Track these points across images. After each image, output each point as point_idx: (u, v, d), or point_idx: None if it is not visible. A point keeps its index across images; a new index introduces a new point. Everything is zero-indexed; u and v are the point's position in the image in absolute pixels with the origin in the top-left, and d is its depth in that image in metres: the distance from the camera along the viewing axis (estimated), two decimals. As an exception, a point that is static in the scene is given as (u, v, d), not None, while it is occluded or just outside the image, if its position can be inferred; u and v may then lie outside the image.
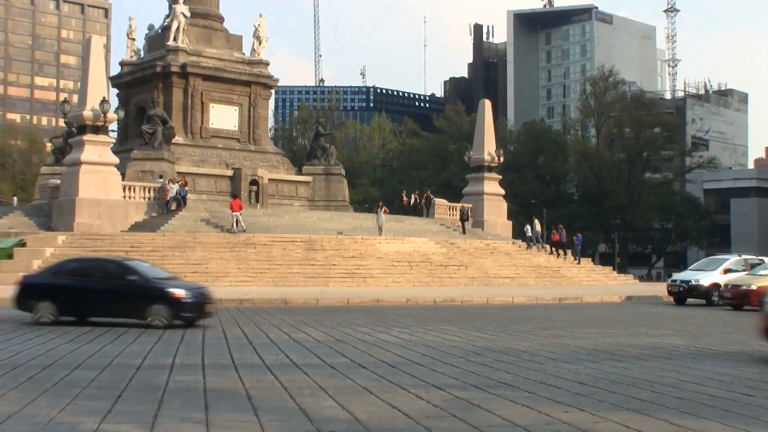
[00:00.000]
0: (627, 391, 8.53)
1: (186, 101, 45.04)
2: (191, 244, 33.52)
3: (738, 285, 22.88)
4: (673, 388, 8.76)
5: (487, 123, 51.43)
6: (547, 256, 42.52)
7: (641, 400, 8.01)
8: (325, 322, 17.48)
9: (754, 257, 28.52)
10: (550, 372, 9.83)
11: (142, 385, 8.63)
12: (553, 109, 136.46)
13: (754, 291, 22.26)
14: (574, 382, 9.03)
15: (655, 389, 8.65)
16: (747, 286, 22.43)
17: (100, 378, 9.12)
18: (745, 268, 25.63)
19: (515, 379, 9.24)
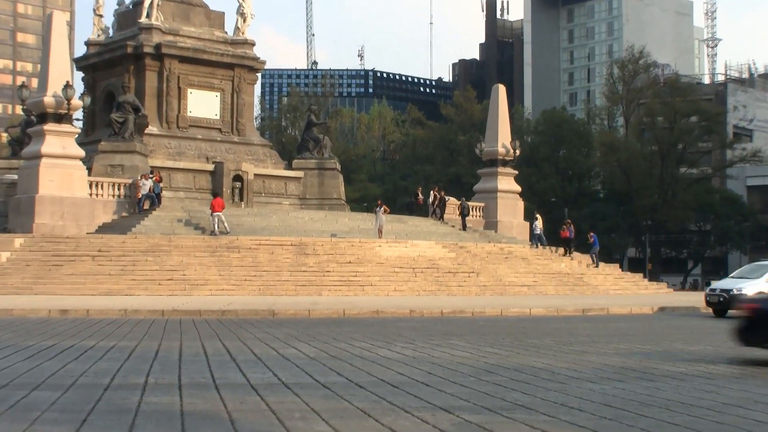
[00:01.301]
0: (660, 414, 8.52)
1: (161, 86, 45.07)
2: (166, 248, 33.51)
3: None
4: (713, 411, 8.75)
5: (501, 111, 51.47)
6: (569, 261, 42.55)
7: (676, 425, 7.99)
8: (318, 336, 17.46)
9: None
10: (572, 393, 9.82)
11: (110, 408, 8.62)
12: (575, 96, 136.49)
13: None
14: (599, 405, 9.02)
15: (691, 413, 8.64)
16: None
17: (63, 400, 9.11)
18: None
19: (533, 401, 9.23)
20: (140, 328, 18.95)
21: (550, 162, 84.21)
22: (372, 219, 41.27)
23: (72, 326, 19.10)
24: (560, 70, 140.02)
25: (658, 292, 43.25)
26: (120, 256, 32.81)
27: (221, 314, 23.39)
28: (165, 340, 16.05)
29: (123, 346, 14.94)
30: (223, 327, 19.55)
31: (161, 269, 31.99)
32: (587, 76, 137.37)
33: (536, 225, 44.71)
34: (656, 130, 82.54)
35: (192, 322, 21.02)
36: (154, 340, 15.98)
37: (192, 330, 18.58)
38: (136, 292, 30.02)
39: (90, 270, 31.72)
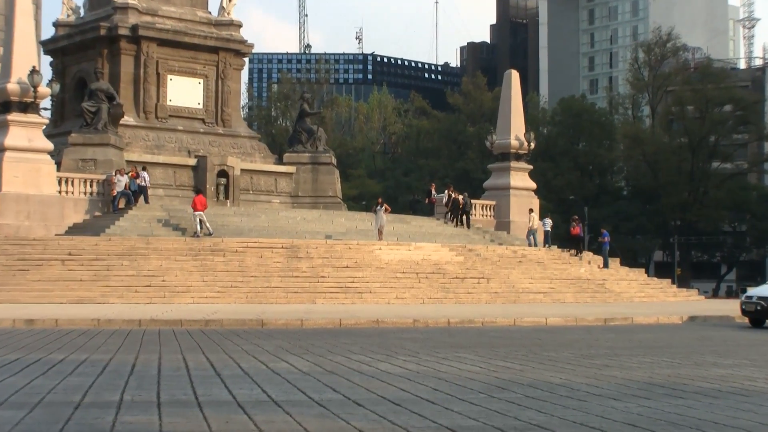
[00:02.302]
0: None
1: (138, 72, 45.10)
2: (144, 251, 33.52)
3: None
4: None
5: (514, 99, 51.48)
6: (588, 266, 42.54)
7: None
8: (312, 348, 17.46)
9: None
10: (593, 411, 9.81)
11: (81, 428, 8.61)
12: (596, 83, 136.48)
13: None
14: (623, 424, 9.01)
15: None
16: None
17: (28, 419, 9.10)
18: None
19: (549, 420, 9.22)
20: (115, 339, 18.94)
21: (569, 156, 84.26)
22: (371, 219, 41.27)
23: (39, 338, 19.10)
24: (579, 54, 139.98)
25: (687, 299, 43.24)
26: (92, 260, 32.80)
27: (205, 324, 23.37)
28: (142, 353, 16.04)
29: (96, 359, 14.94)
30: (206, 338, 19.55)
31: (138, 275, 31.99)
32: (609, 61, 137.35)
33: (546, 222, 44.61)
34: (686, 120, 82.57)
35: (172, 333, 20.99)
36: (130, 353, 15.96)
37: (172, 342, 18.57)
38: (110, 300, 30.01)
39: (59, 275, 31.71)
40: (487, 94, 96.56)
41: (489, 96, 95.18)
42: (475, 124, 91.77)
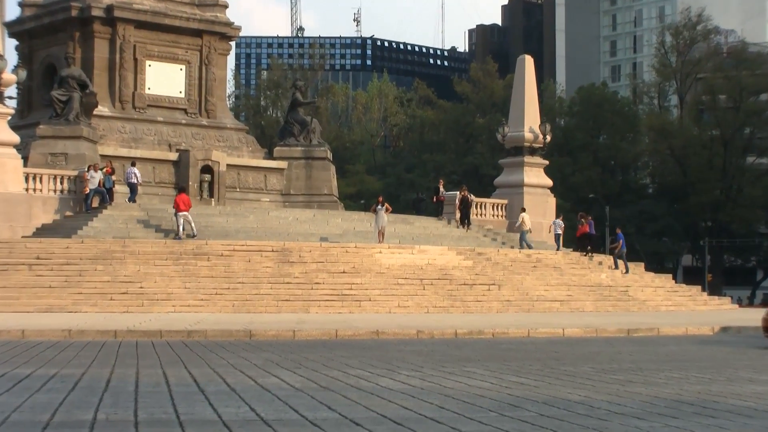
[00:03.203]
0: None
1: (113, 57, 45.12)
2: (120, 255, 33.53)
3: None
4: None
5: (528, 88, 51.49)
6: (610, 271, 42.54)
7: (742, 470, 7.98)
8: (305, 362, 17.47)
9: None
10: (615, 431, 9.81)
11: (50, 450, 8.60)
12: (618, 69, 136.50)
13: None
14: (649, 446, 9.01)
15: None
16: None
17: (-7, 440, 9.10)
18: None
19: (567, 442, 9.22)
20: (88, 352, 18.93)
21: (588, 150, 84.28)
22: (370, 219, 41.28)
23: (3, 350, 19.09)
24: (600, 37, 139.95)
25: (720, 308, 43.23)
26: (63, 265, 32.80)
27: (187, 336, 23.35)
28: (118, 367, 16.03)
29: (67, 374, 14.94)
30: (189, 351, 19.55)
31: (114, 281, 31.98)
32: (633, 45, 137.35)
33: (557, 223, 44.49)
34: (718, 110, 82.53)
35: (151, 345, 20.98)
36: (104, 367, 15.96)
37: (151, 355, 18.56)
38: (82, 309, 30.01)
39: (26, 282, 31.71)
40: (498, 82, 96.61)
41: (500, 84, 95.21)
42: (485, 115, 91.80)
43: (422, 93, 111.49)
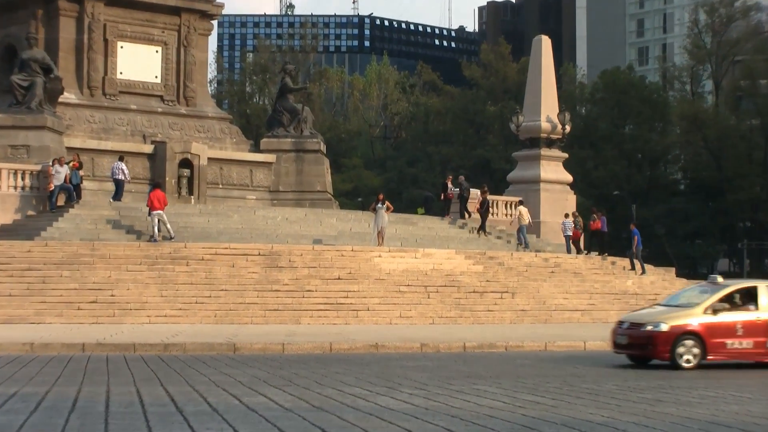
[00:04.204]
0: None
1: (81, 38, 45.08)
2: (88, 259, 33.51)
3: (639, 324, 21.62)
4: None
5: (545, 72, 51.44)
6: (637, 277, 42.52)
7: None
8: (296, 379, 17.46)
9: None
10: (643, 457, 9.80)
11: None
12: (646, 52, 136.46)
13: (661, 334, 20.88)
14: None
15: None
16: (654, 325, 21.09)
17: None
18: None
19: (589, 469, 9.21)
20: (52, 368, 18.92)
21: (612, 142, 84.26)
22: (369, 219, 41.24)
23: (-41, 366, 19.08)
24: (626, 16, 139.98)
25: (759, 318, 43.19)
26: (24, 271, 32.74)
27: (163, 349, 23.36)
28: (87, 385, 16.02)
29: (28, 392, 14.92)
30: (165, 367, 19.54)
31: (81, 288, 31.93)
32: (663, 25, 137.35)
33: (567, 224, 44.30)
34: (758, 97, 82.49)
35: (123, 360, 20.98)
36: (71, 385, 15.94)
37: (123, 371, 18.55)
38: (46, 320, 29.97)
39: (-16, 289, 31.67)
40: (512, 66, 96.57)
41: (514, 68, 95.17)
42: (496, 103, 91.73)
43: (427, 78, 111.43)
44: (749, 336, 21.23)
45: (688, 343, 20.75)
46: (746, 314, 21.44)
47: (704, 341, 20.86)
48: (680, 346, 20.85)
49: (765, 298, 21.55)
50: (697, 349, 20.75)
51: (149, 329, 28.18)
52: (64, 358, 21.02)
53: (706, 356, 20.82)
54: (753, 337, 21.24)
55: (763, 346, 21.29)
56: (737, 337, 21.14)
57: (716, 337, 20.97)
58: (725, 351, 21.07)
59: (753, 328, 21.29)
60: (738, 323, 21.22)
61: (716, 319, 21.15)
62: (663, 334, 20.87)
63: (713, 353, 20.96)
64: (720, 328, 21.12)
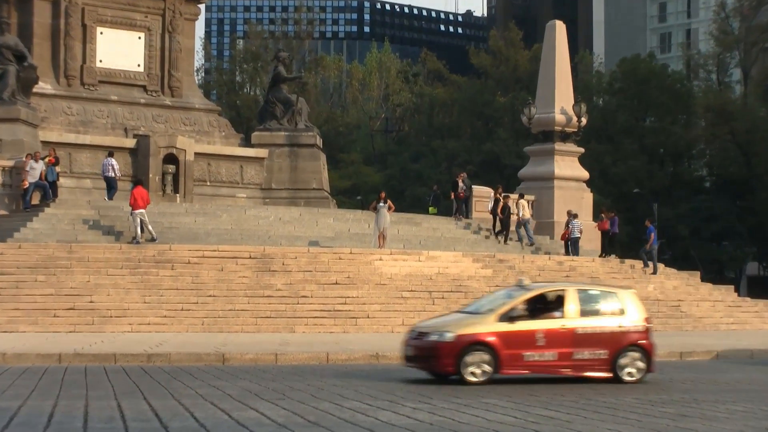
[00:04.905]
0: None
1: (57, 23, 45.09)
2: (65, 263, 33.51)
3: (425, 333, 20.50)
4: None
5: (559, 60, 51.45)
6: (660, 281, 42.52)
7: None
8: (290, 392, 17.46)
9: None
10: (666, 476, 9.80)
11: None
12: (668, 38, 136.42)
13: (445, 344, 19.72)
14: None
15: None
16: (439, 335, 19.94)
17: None
18: None
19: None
20: (26, 380, 18.91)
21: (632, 136, 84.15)
22: (369, 219, 41.24)
23: (-74, 378, 19.09)
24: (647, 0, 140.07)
25: (792, 326, 43.17)
26: (-3, 275, 32.77)
27: (147, 360, 23.36)
28: (63, 399, 16.01)
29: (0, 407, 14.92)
30: (149, 379, 19.53)
31: (58, 293, 31.93)
32: (687, 9, 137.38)
33: (575, 225, 44.19)
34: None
35: (103, 371, 20.98)
36: (46, 399, 15.94)
37: (103, 383, 18.54)
38: (19, 328, 29.96)
39: (-47, 295, 31.66)
40: (524, 53, 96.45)
41: (526, 55, 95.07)
42: (507, 93, 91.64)
43: (431, 66, 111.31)
44: (552, 347, 20.01)
45: (477, 355, 19.56)
46: (549, 322, 20.27)
47: (497, 353, 19.65)
48: (468, 357, 19.57)
49: (573, 304, 20.47)
50: (488, 362, 19.56)
51: (131, 338, 28.17)
52: (39, 370, 21.01)
53: (499, 369, 19.67)
54: (556, 348, 20.03)
55: (569, 357, 20.15)
56: (538, 348, 19.92)
57: (512, 348, 19.76)
58: (523, 364, 19.91)
59: (557, 337, 20.08)
60: (539, 332, 20.01)
61: (513, 327, 19.93)
62: (448, 344, 19.64)
63: (508, 366, 19.80)
64: (517, 337, 19.87)
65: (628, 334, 20.59)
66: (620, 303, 21.03)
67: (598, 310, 20.93)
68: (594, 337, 20.25)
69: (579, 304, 20.53)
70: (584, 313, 20.53)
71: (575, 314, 20.36)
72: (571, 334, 20.12)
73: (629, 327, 20.68)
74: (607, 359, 20.27)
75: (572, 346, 20.10)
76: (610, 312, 20.89)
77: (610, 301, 21.19)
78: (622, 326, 20.63)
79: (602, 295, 21.61)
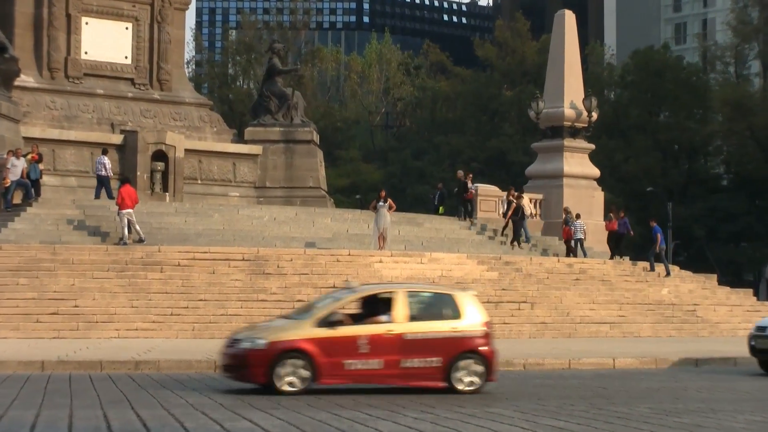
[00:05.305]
0: None
1: (40, 13, 45.08)
2: (49, 265, 33.49)
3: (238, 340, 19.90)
4: None
5: (568, 52, 51.44)
6: (675, 285, 42.49)
7: None
8: (285, 401, 17.45)
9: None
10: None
11: None
12: (683, 28, 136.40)
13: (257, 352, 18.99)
14: None
15: None
16: (251, 342, 19.26)
17: None
18: None
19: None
20: (7, 389, 18.89)
21: (645, 131, 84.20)
22: (369, 219, 41.22)
23: None
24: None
25: (813, 332, 43.14)
26: (-23, 278, 32.75)
27: (134, 367, 23.34)
28: (46, 409, 15.99)
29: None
30: (137, 387, 19.52)
31: (41, 298, 31.89)
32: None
33: (578, 225, 44.10)
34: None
35: (89, 379, 20.95)
36: (28, 409, 15.92)
37: (89, 392, 18.51)
38: (0, 334, 29.91)
39: (-70, 299, 31.66)
40: (531, 44, 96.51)
41: (533, 47, 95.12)
42: (513, 87, 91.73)
43: (434, 58, 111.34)
44: (377, 354, 19.17)
45: (292, 363, 18.75)
46: (375, 327, 19.44)
47: (314, 361, 18.83)
48: (281, 367, 18.75)
49: (402, 307, 19.57)
50: (305, 371, 18.75)
51: (118, 344, 28.13)
52: (21, 378, 20.99)
53: (318, 379, 18.85)
54: (382, 356, 19.19)
55: (396, 366, 19.26)
56: (361, 356, 19.09)
57: (332, 356, 18.96)
58: (344, 372, 19.09)
59: (382, 343, 19.24)
60: (362, 338, 19.20)
61: (334, 332, 19.16)
62: (259, 352, 18.82)
63: (328, 376, 18.97)
64: (337, 344, 19.07)
65: (464, 340, 19.71)
66: (457, 306, 20.13)
67: (431, 314, 20.15)
68: (425, 344, 19.42)
69: (409, 308, 19.66)
70: (415, 317, 19.71)
71: (404, 318, 19.49)
72: (399, 340, 19.28)
73: (466, 332, 19.79)
74: (440, 367, 19.35)
75: (400, 354, 19.26)
76: (445, 316, 20.06)
77: (445, 304, 20.41)
78: (457, 331, 19.76)
79: (436, 297, 20.98)
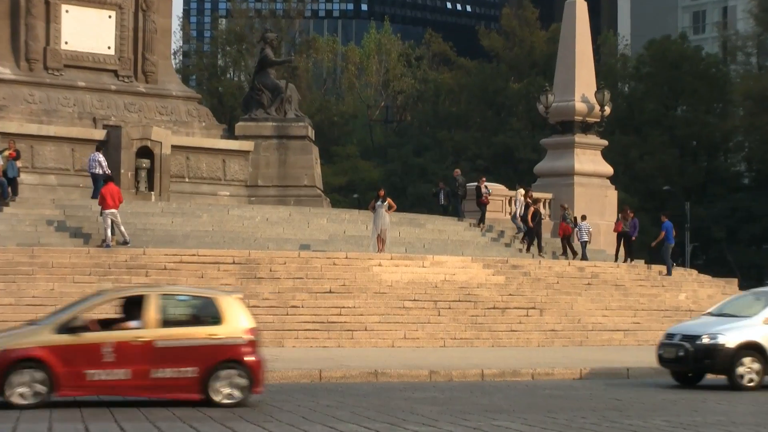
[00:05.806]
0: None
1: (17, 0, 45.02)
2: (27, 268, 33.50)
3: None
4: None
5: (580, 42, 51.44)
6: (693, 289, 42.51)
7: None
8: (278, 413, 17.47)
9: None
10: None
11: None
12: (701, 17, 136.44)
13: None
14: None
15: None
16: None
17: None
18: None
19: None
20: (-17, 400, 18.89)
21: (661, 126, 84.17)
22: (367, 220, 41.22)
23: None
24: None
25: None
26: (-49, 282, 32.76)
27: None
28: (24, 422, 16.02)
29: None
30: (120, 399, 19.50)
31: (18, 303, 31.86)
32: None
33: (583, 227, 44.11)
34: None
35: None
36: (5, 422, 15.94)
37: (69, 404, 18.50)
38: (-24, 342, 29.98)
39: None
40: (540, 34, 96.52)
41: (542, 36, 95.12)
42: (521, 79, 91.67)
43: (437, 49, 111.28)
44: (124, 363, 18.51)
45: (27, 374, 18.11)
46: (121, 334, 18.87)
47: (52, 370, 18.08)
48: (15, 376, 18.08)
49: (154, 311, 18.97)
50: (41, 382, 18.06)
51: (101, 353, 28.20)
52: (-2, 389, 20.98)
53: (56, 390, 18.16)
54: (129, 365, 18.54)
55: (146, 376, 18.63)
56: (105, 365, 18.39)
57: (72, 365, 18.23)
58: (86, 383, 18.40)
59: (130, 352, 18.61)
60: (106, 346, 18.51)
61: (75, 339, 18.44)
62: None
63: (68, 387, 18.26)
64: (78, 352, 18.33)
65: (224, 348, 19.09)
66: (218, 310, 19.44)
67: (187, 320, 19.72)
68: (179, 352, 18.81)
69: (161, 312, 19.08)
70: (168, 322, 19.13)
71: (155, 324, 18.89)
72: (149, 347, 18.68)
73: (227, 339, 19.17)
74: (196, 378, 18.76)
75: (150, 363, 18.63)
76: (204, 321, 19.59)
77: (204, 308, 19.83)
78: (216, 338, 19.17)
79: (193, 301, 20.32)
